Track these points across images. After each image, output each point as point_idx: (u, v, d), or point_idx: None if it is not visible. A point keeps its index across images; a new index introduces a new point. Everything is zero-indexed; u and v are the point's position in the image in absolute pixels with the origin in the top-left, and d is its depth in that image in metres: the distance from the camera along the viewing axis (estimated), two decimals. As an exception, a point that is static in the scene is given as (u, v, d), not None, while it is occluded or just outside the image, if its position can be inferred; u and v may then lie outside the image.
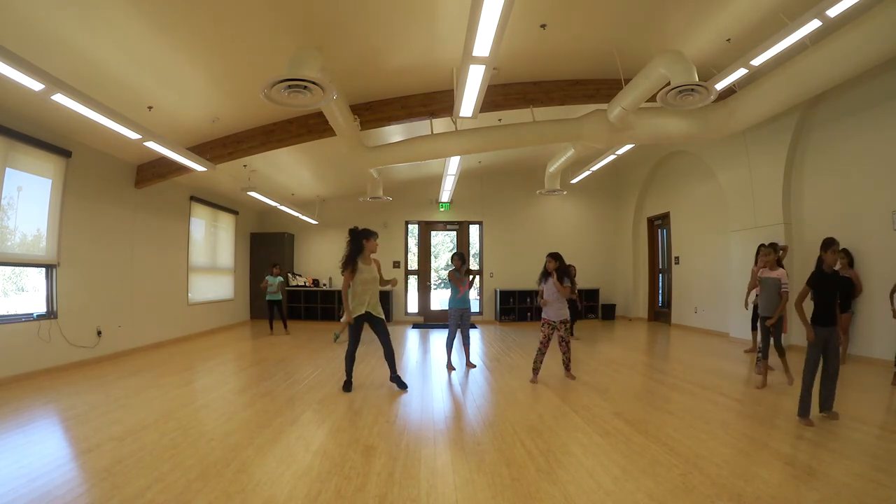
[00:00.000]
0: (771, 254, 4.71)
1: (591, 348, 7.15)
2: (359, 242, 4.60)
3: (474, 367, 5.73)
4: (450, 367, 5.65)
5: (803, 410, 3.40)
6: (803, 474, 2.54)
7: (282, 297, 8.94)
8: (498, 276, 11.46)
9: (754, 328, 6.10)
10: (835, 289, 3.49)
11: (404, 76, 5.45)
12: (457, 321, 5.69)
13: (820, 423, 3.38)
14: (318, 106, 4.12)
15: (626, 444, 3.05)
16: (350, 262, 4.53)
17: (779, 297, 4.55)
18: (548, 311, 4.93)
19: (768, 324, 4.56)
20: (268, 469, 2.67)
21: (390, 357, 4.68)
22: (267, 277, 8.76)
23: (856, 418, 3.50)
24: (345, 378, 4.66)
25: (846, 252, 5.50)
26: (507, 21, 3.25)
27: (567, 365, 5.03)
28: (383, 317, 4.68)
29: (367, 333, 4.67)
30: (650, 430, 3.30)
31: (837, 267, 3.65)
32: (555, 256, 5.01)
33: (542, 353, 4.92)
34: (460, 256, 5.76)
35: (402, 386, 4.64)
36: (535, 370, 4.93)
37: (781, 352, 4.57)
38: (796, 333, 6.29)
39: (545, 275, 5.05)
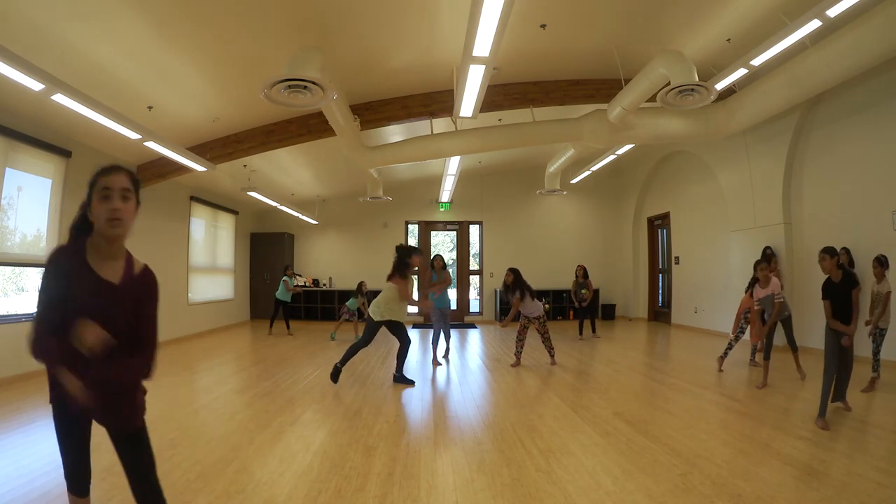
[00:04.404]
0: (765, 269, 4.70)
1: (591, 348, 7.15)
2: (406, 259, 4.88)
3: (440, 364, 5.89)
4: (435, 363, 5.91)
5: (823, 411, 3.35)
6: (803, 474, 2.53)
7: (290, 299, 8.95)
8: (498, 276, 11.41)
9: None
10: (845, 292, 3.50)
11: (404, 76, 5.45)
12: (439, 320, 6.00)
13: (829, 418, 3.36)
14: (318, 106, 4.12)
15: (626, 444, 3.04)
16: (403, 271, 4.84)
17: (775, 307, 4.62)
18: (524, 310, 5.69)
19: (763, 332, 4.67)
20: (268, 469, 2.67)
21: (402, 355, 4.83)
22: (285, 279, 8.73)
23: (856, 418, 3.50)
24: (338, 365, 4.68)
25: (846, 251, 5.49)
26: (507, 21, 3.26)
27: (551, 353, 5.79)
28: (393, 320, 4.82)
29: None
30: (650, 430, 3.29)
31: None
32: (512, 271, 5.75)
33: (520, 340, 5.78)
34: (440, 259, 6.05)
35: (408, 382, 4.76)
36: (517, 355, 5.76)
37: (794, 348, 4.86)
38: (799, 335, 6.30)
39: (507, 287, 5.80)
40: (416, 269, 5.09)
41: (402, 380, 4.77)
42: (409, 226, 11.74)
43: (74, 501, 1.57)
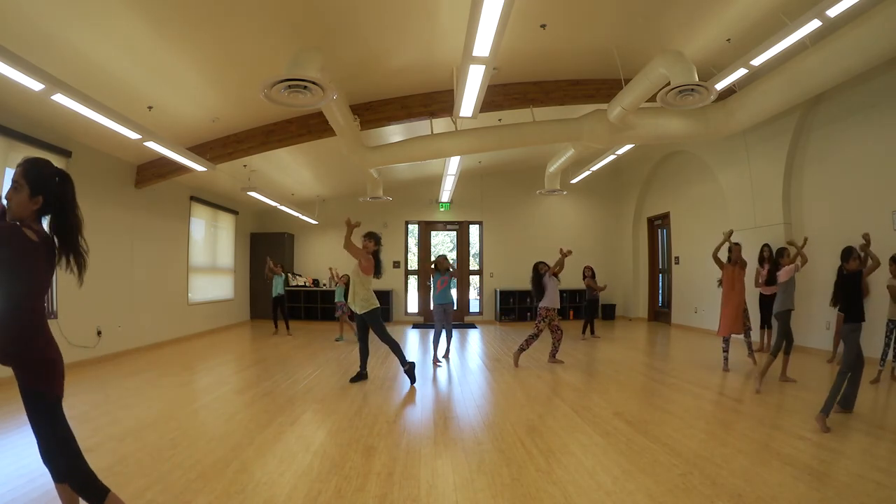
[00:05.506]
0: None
1: (591, 348, 7.15)
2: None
3: (440, 364, 5.90)
4: (435, 363, 5.93)
5: (828, 409, 3.30)
6: (803, 474, 2.53)
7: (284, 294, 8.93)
8: (498, 276, 11.45)
9: (763, 326, 6.48)
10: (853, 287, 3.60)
11: (404, 76, 5.45)
12: (441, 317, 6.04)
13: (831, 422, 3.34)
14: (318, 106, 4.12)
15: (626, 443, 3.05)
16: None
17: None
18: (547, 299, 5.73)
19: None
20: (268, 469, 2.67)
21: (396, 351, 4.84)
22: (275, 277, 8.73)
23: (856, 418, 3.50)
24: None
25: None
26: (508, 21, 3.26)
27: (555, 350, 5.83)
28: (366, 311, 4.83)
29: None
30: (650, 430, 3.30)
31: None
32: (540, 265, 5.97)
33: (534, 338, 5.73)
34: (443, 260, 6.12)
35: (412, 379, 4.77)
36: (521, 351, 5.74)
37: (789, 350, 4.76)
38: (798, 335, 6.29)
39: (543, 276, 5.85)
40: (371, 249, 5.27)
41: (408, 374, 4.75)
42: (409, 226, 11.74)
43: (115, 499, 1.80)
